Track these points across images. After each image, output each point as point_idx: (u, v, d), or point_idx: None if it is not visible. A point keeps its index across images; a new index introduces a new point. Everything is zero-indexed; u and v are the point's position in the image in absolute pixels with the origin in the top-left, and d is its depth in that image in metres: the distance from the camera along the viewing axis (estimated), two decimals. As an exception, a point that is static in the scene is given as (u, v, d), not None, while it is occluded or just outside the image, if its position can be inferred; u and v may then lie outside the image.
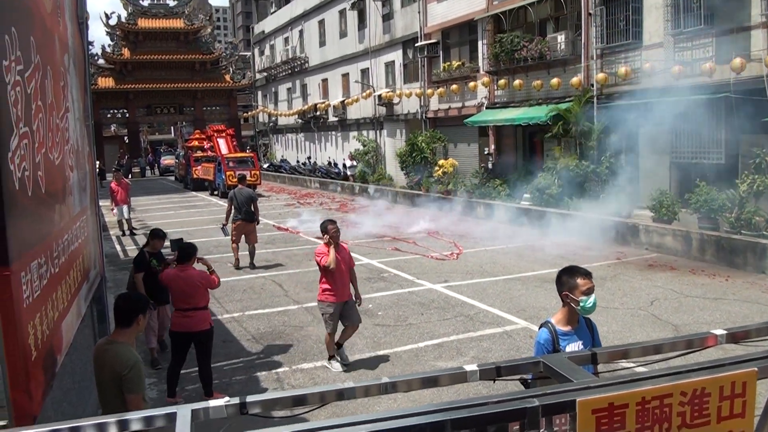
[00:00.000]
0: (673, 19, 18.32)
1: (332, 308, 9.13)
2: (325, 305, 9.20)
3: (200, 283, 8.15)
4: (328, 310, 9.15)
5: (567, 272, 4.74)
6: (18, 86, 4.09)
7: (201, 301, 8.16)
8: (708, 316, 10.95)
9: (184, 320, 8.03)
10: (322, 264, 9.01)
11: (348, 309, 9.34)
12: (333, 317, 9.17)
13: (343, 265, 9.28)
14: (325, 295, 9.20)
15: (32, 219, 4.38)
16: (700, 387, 2.51)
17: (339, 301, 9.17)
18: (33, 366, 4.08)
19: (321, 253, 9.10)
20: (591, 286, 4.65)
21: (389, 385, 2.74)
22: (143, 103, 57.28)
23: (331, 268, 8.95)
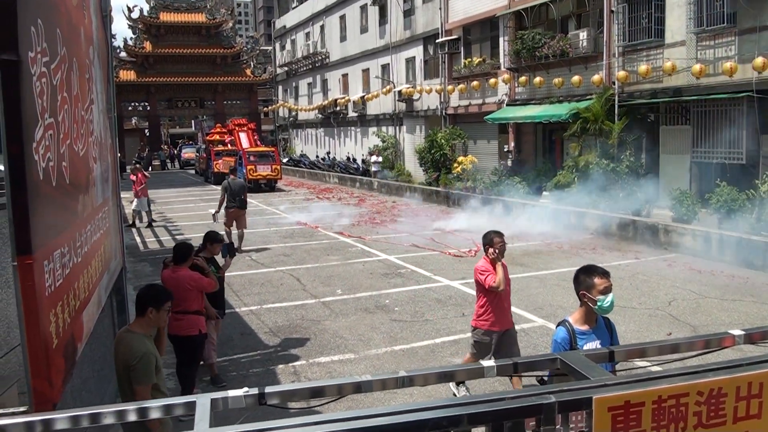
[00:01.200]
0: (696, 17, 18.17)
1: (489, 337, 7.69)
2: (481, 333, 7.76)
3: (190, 285, 7.57)
4: (484, 339, 7.73)
5: (585, 271, 4.73)
6: (44, 77, 4.15)
7: (192, 304, 7.58)
8: (726, 317, 10.88)
9: (174, 323, 7.35)
10: (487, 284, 7.52)
11: (507, 339, 7.78)
12: (485, 348, 7.75)
13: (508, 286, 7.85)
14: (482, 321, 7.76)
15: (56, 209, 4.44)
16: (716, 387, 2.51)
17: (500, 329, 7.70)
18: (54, 354, 4.14)
19: (486, 271, 7.63)
20: (608, 285, 4.63)
21: (406, 379, 2.77)
22: (164, 96, 57.58)
23: (500, 289, 7.53)
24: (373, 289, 13.16)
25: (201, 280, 7.71)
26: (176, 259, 7.71)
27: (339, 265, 15.56)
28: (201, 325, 7.70)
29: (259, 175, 34.73)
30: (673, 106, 19.72)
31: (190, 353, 7.69)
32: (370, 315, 11.45)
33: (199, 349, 7.84)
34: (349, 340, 10.13)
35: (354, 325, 10.90)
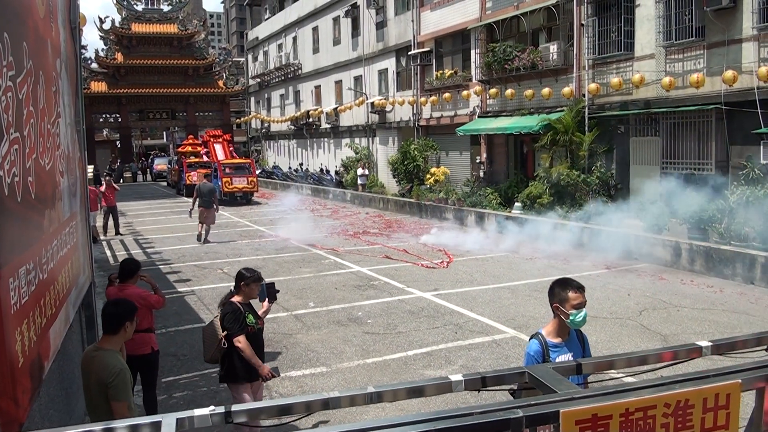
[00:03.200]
0: (665, 31, 18.43)
1: None
2: None
3: (139, 303, 6.90)
4: None
5: (560, 284, 4.71)
6: (9, 92, 4.09)
7: (142, 322, 6.95)
8: (697, 326, 10.99)
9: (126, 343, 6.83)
10: None
11: None
12: None
13: None
14: None
15: (21, 224, 4.38)
16: (684, 398, 2.53)
17: None
18: (20, 373, 4.07)
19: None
20: (582, 301, 4.60)
21: (374, 395, 2.76)
22: (136, 107, 57.12)
23: None
24: (346, 302, 13.13)
25: (149, 297, 7.33)
26: (123, 276, 7.36)
27: (311, 277, 15.51)
28: (153, 342, 7.40)
29: (234, 187, 34.03)
30: (643, 118, 19.94)
31: (146, 373, 7.40)
32: (343, 328, 11.41)
33: (154, 368, 7.53)
34: (322, 354, 10.09)
35: (326, 338, 10.85)
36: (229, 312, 6.49)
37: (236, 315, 6.47)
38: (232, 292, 6.70)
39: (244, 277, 6.65)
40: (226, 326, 6.46)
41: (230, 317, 6.46)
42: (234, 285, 6.72)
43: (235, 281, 6.72)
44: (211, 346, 6.65)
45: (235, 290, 6.68)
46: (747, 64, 16.51)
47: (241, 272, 6.73)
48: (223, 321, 6.51)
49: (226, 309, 6.55)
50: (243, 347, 6.39)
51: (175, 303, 13.35)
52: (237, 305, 6.54)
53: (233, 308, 6.52)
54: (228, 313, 6.48)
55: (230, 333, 6.42)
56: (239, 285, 6.65)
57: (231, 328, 6.42)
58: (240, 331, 6.42)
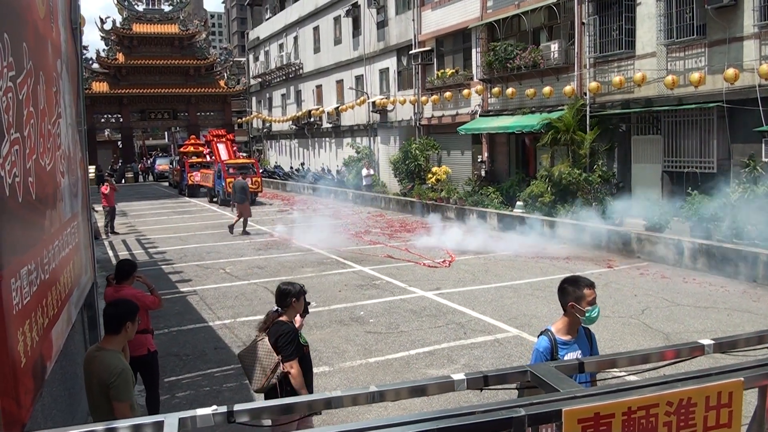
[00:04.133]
0: (666, 29, 18.42)
1: None
2: None
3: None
4: None
5: (572, 283, 4.74)
6: (9, 92, 4.09)
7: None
8: (699, 324, 10.98)
9: None
10: None
11: None
12: None
13: None
14: None
15: (22, 225, 4.38)
16: (686, 397, 2.52)
17: None
18: (22, 373, 4.07)
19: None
20: (595, 297, 4.68)
21: (377, 394, 2.75)
22: (137, 107, 57.13)
23: None
24: (348, 301, 13.13)
25: (145, 298, 7.24)
26: (118, 277, 7.33)
27: (313, 276, 15.51)
28: (149, 343, 7.34)
29: None
30: (644, 117, 19.94)
31: (145, 374, 7.36)
32: (345, 327, 11.41)
33: (153, 369, 7.48)
34: (324, 353, 10.08)
35: (328, 337, 10.85)
36: (285, 333, 5.79)
37: (293, 336, 5.81)
38: (278, 311, 6.00)
39: (292, 293, 6.00)
40: (283, 349, 5.74)
41: (286, 338, 5.76)
42: (279, 302, 6.02)
43: (280, 298, 6.01)
44: (261, 374, 5.81)
45: (284, 308, 5.99)
46: (748, 61, 16.50)
47: (287, 288, 6.05)
48: (277, 343, 5.77)
49: (280, 329, 5.83)
50: (296, 374, 5.75)
51: (178, 303, 13.36)
52: (292, 324, 5.93)
53: (289, 328, 5.85)
54: (283, 334, 5.78)
55: (286, 356, 5.74)
56: (290, 302, 5.97)
57: (287, 350, 5.74)
58: (295, 354, 5.79)
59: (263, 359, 5.76)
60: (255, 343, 5.92)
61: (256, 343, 5.91)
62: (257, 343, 5.90)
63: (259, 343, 5.87)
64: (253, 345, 5.94)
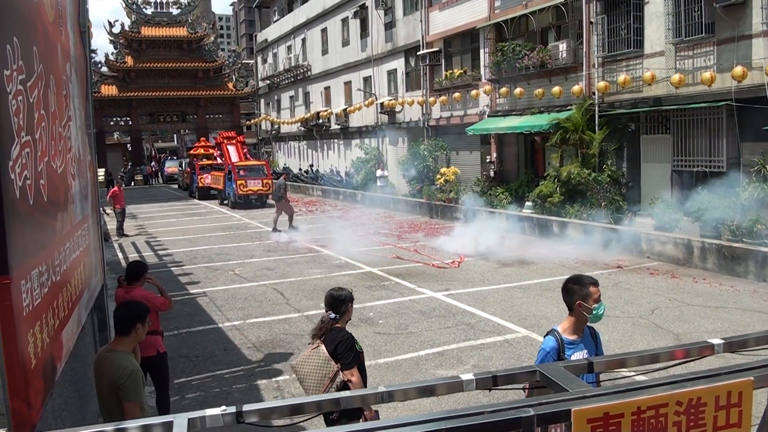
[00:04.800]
0: (675, 28, 18.35)
1: None
2: None
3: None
4: None
5: (576, 281, 4.75)
6: (20, 95, 4.12)
7: None
8: (709, 324, 10.94)
9: None
10: None
11: None
12: None
13: None
14: None
15: (33, 227, 4.40)
16: (696, 396, 2.51)
17: None
18: (32, 374, 4.09)
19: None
20: (600, 294, 4.72)
21: (385, 395, 2.75)
22: (146, 110, 57.33)
23: None
24: (357, 302, 13.02)
25: (154, 300, 7.25)
26: (129, 278, 7.36)
27: (322, 278, 15.52)
28: (158, 345, 7.36)
29: (249, 190, 33.19)
30: (653, 116, 19.87)
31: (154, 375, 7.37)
32: (354, 328, 11.37)
33: (163, 370, 7.49)
34: (333, 354, 10.08)
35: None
36: (344, 340, 5.52)
37: (351, 343, 5.54)
38: (333, 318, 5.66)
39: (347, 298, 5.73)
40: (342, 357, 5.48)
41: (345, 346, 5.49)
42: (333, 309, 5.68)
43: (333, 304, 5.69)
44: (319, 383, 5.47)
45: (339, 315, 5.68)
46: (757, 60, 16.42)
47: (339, 295, 5.74)
48: (336, 351, 5.49)
49: (338, 336, 5.56)
50: (357, 382, 5.46)
51: (187, 305, 13.40)
52: (348, 332, 5.68)
53: (348, 335, 5.59)
54: (342, 342, 5.51)
55: (346, 364, 5.46)
56: (345, 308, 5.72)
57: (347, 358, 5.47)
58: (355, 361, 5.53)
59: (321, 368, 5.47)
60: (310, 352, 5.58)
61: (312, 351, 5.58)
62: (312, 351, 5.57)
63: (314, 351, 5.56)
64: (308, 353, 5.60)
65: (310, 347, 5.62)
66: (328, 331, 5.60)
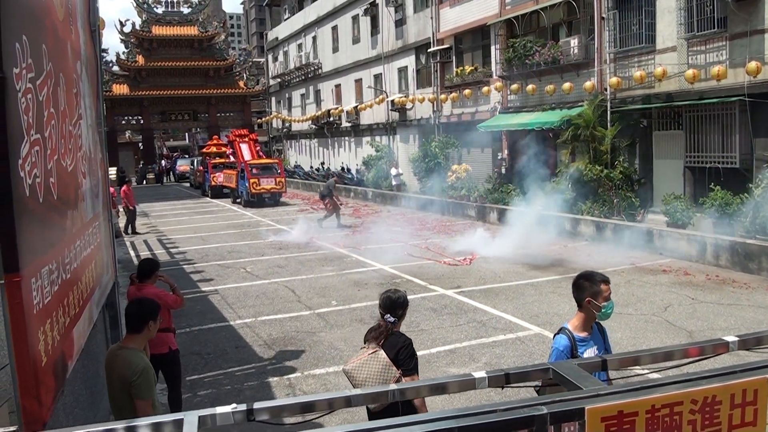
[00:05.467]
0: (687, 23, 18.24)
1: None
2: None
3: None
4: None
5: (587, 278, 4.73)
6: (29, 93, 4.12)
7: None
8: (722, 322, 10.86)
9: None
10: None
11: None
12: None
13: None
14: None
15: (43, 225, 4.40)
16: (710, 395, 2.48)
17: None
18: (43, 372, 4.09)
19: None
20: (610, 292, 4.70)
21: (397, 392, 2.74)
22: (157, 109, 57.55)
23: None
24: (369, 300, 13.10)
25: (166, 297, 7.26)
26: (141, 275, 7.34)
27: (334, 275, 15.52)
28: (170, 342, 7.37)
29: (262, 188, 32.87)
30: (666, 112, 19.77)
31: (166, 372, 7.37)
32: (366, 326, 11.32)
33: (175, 367, 7.50)
34: (345, 352, 10.08)
35: (349, 336, 10.85)
36: (406, 345, 5.29)
37: (412, 349, 5.32)
38: (391, 322, 5.41)
39: (405, 301, 5.54)
40: (404, 362, 5.23)
41: (407, 352, 5.26)
42: (389, 312, 5.45)
43: (391, 307, 5.45)
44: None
45: (398, 318, 5.46)
46: (771, 55, 16.31)
47: (397, 297, 5.52)
48: (398, 356, 5.23)
49: (399, 341, 5.32)
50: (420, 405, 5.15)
51: (199, 302, 13.42)
52: (408, 337, 5.42)
53: (408, 340, 5.36)
54: (404, 347, 5.28)
55: (407, 370, 5.23)
56: (402, 311, 5.51)
57: (409, 364, 5.25)
58: (416, 367, 5.34)
59: (381, 373, 5.18)
60: (368, 357, 5.26)
61: (369, 356, 5.26)
62: (371, 356, 5.25)
63: (372, 356, 5.25)
64: (365, 358, 5.27)
65: (366, 351, 5.30)
66: (387, 336, 5.34)
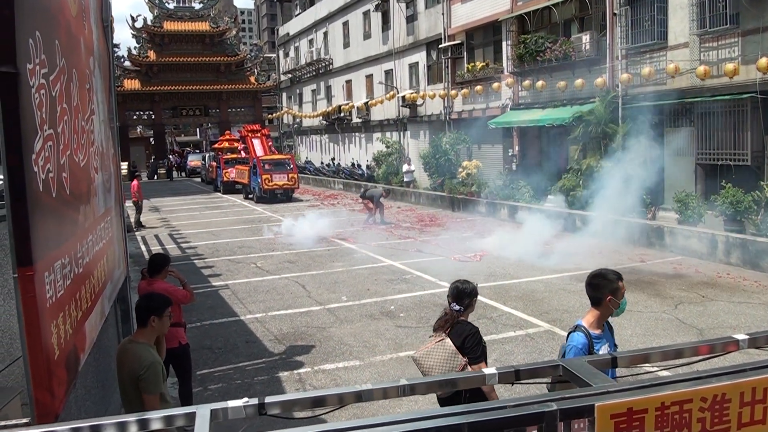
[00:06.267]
0: (699, 19, 18.13)
1: None
2: None
3: None
4: None
5: (603, 276, 4.72)
6: (43, 89, 4.14)
7: None
8: (733, 320, 10.83)
9: None
10: None
11: None
12: None
13: None
14: None
15: (56, 220, 4.44)
16: (720, 393, 2.48)
17: None
18: (55, 365, 4.12)
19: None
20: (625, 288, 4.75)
21: (407, 388, 2.75)
22: (169, 104, 57.73)
23: None
24: (378, 296, 13.13)
25: (176, 292, 7.26)
26: (151, 270, 7.35)
27: (344, 271, 15.54)
28: (180, 336, 7.37)
29: (275, 184, 32.48)
30: (677, 108, 19.67)
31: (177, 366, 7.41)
32: (375, 321, 11.42)
33: (185, 362, 7.53)
34: (354, 347, 10.11)
35: (359, 331, 10.87)
36: (472, 334, 5.32)
37: (479, 337, 5.34)
38: (458, 311, 5.45)
39: (472, 292, 5.52)
40: (471, 351, 5.26)
41: (473, 340, 5.29)
42: (456, 301, 5.48)
43: (458, 297, 5.49)
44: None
45: (464, 308, 5.47)
46: (784, 52, 16.20)
47: (465, 287, 5.53)
48: (464, 344, 5.27)
49: (465, 330, 5.36)
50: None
51: (210, 297, 13.47)
52: (475, 326, 5.47)
53: (474, 329, 5.38)
54: (470, 335, 5.30)
55: (474, 358, 5.26)
56: (469, 301, 5.48)
57: (475, 352, 5.27)
58: (483, 355, 5.34)
59: (447, 361, 5.24)
60: (434, 345, 5.35)
61: (436, 343, 5.35)
62: (437, 344, 5.34)
63: (439, 344, 5.33)
64: (432, 346, 5.37)
65: (434, 340, 5.40)
66: (453, 324, 5.40)
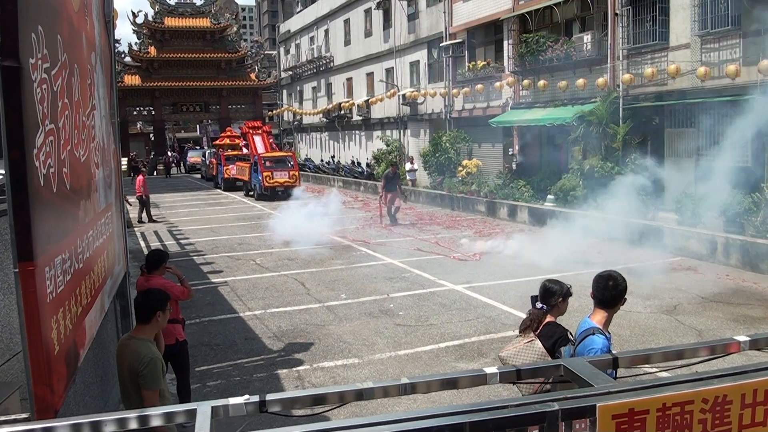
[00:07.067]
0: (700, 20, 18.13)
1: None
2: None
3: None
4: None
5: (611, 278, 4.70)
6: (44, 84, 4.14)
7: None
8: (733, 321, 10.82)
9: None
10: None
11: None
12: None
13: None
14: None
15: (57, 215, 4.43)
16: (721, 394, 2.48)
17: None
18: (55, 360, 4.12)
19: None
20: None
21: (408, 386, 2.74)
22: (169, 100, 57.70)
23: None
24: (378, 294, 13.13)
25: (173, 288, 7.23)
26: (149, 266, 7.34)
27: (343, 269, 15.54)
28: (178, 333, 7.36)
29: (276, 182, 32.29)
30: (678, 109, 19.67)
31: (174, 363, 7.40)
32: (375, 319, 11.42)
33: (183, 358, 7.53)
34: (354, 345, 10.11)
35: (358, 329, 10.87)
36: (563, 336, 5.17)
37: (566, 339, 5.17)
38: (543, 309, 5.33)
39: (558, 292, 5.37)
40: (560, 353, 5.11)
41: (564, 343, 5.14)
42: (544, 300, 5.38)
43: (544, 296, 5.39)
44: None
45: (549, 307, 5.33)
46: (785, 53, 16.19)
47: (551, 287, 5.41)
48: (555, 347, 5.12)
49: (556, 331, 5.21)
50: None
51: (209, 294, 13.47)
52: (566, 328, 5.27)
53: (565, 331, 5.22)
54: (561, 338, 5.16)
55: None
56: (556, 301, 5.35)
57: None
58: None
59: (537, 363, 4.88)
60: (524, 345, 5.18)
61: (526, 344, 5.18)
62: (527, 344, 5.17)
63: (528, 345, 5.15)
64: (521, 346, 5.19)
65: (522, 340, 5.21)
66: (541, 325, 5.26)
